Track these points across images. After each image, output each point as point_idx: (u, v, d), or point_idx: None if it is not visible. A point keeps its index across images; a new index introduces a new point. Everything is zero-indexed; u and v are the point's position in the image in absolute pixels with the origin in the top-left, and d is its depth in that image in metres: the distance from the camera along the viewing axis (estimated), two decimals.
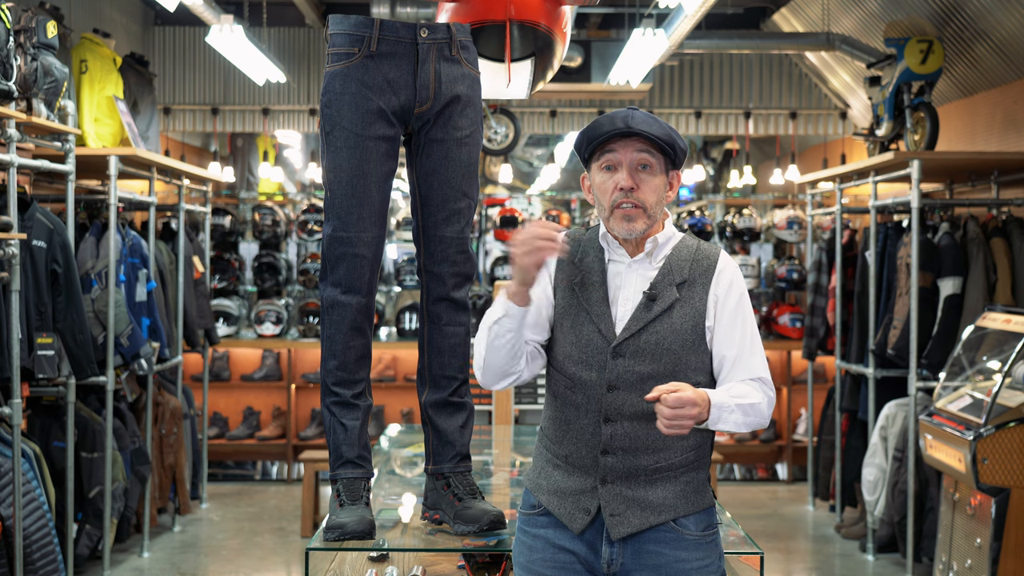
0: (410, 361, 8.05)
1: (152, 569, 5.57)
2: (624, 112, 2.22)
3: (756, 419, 2.17)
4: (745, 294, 2.26)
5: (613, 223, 2.23)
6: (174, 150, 9.03)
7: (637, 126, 2.18)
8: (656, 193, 2.22)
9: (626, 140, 2.21)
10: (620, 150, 2.21)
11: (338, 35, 2.66)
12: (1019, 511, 4.17)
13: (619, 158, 2.21)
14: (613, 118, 2.21)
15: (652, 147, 2.21)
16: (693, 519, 2.23)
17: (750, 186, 10.47)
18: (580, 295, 2.25)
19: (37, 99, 4.68)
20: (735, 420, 2.14)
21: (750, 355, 2.22)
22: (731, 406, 2.13)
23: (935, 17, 6.10)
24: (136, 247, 5.63)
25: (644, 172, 2.22)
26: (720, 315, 2.22)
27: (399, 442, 4.33)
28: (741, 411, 2.14)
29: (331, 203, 2.65)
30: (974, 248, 5.49)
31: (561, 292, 2.28)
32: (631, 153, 2.21)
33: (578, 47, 7.62)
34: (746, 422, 2.15)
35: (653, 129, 2.19)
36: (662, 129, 2.21)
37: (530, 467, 2.37)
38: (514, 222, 8.35)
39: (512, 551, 2.37)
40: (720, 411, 2.11)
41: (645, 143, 2.21)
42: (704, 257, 2.26)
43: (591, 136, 2.23)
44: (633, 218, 2.21)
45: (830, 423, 6.77)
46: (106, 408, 5.25)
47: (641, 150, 2.21)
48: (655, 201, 2.22)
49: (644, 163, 2.21)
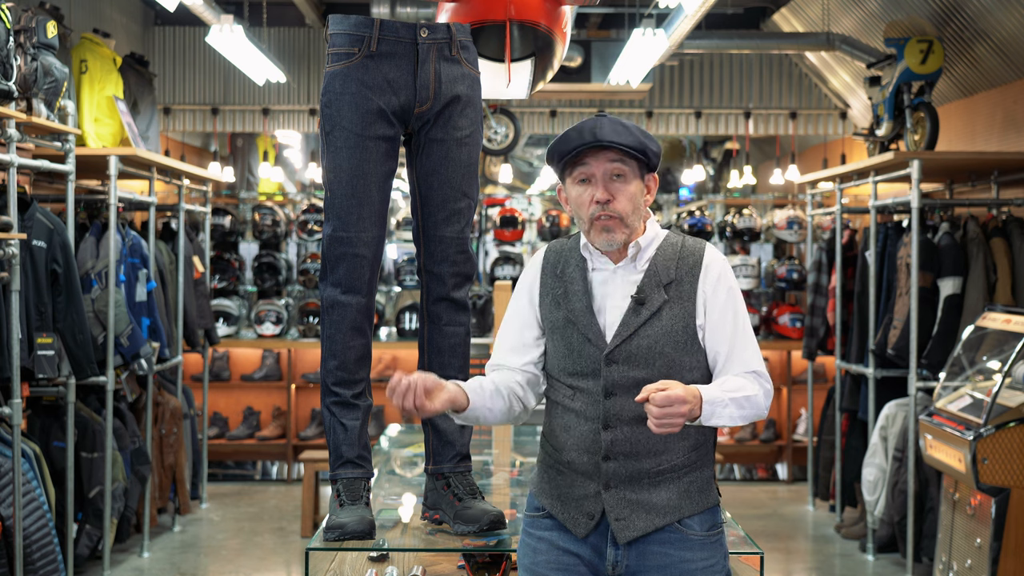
0: (410, 361, 8.05)
1: (152, 569, 5.57)
2: (592, 122, 2.20)
3: (753, 411, 2.14)
4: (734, 287, 2.24)
5: (593, 236, 2.22)
6: (174, 150, 9.03)
7: (606, 137, 2.17)
8: (632, 201, 2.21)
9: (597, 152, 2.20)
10: (592, 162, 2.20)
11: (338, 35, 2.66)
12: (1019, 511, 4.17)
13: (592, 171, 2.20)
14: (581, 130, 2.19)
15: (623, 155, 2.20)
16: (698, 519, 2.22)
17: (750, 186, 10.47)
18: (565, 307, 2.25)
19: (37, 99, 4.68)
20: (730, 414, 2.11)
21: (742, 349, 2.20)
22: (724, 400, 2.10)
23: (935, 17, 6.10)
24: (136, 247, 5.63)
25: (618, 181, 2.20)
26: (710, 311, 2.20)
27: (399, 442, 4.33)
28: (736, 405, 2.11)
29: (331, 203, 2.65)
30: (974, 248, 5.49)
31: (547, 306, 2.28)
32: (603, 164, 2.19)
33: (578, 47, 7.62)
34: (742, 415, 2.13)
35: (623, 138, 2.17)
36: (631, 136, 2.19)
37: (534, 471, 2.38)
38: (514, 222, 8.35)
39: (516, 553, 2.37)
40: (713, 407, 2.09)
41: (616, 152, 2.19)
42: (689, 254, 2.24)
43: (561, 151, 2.22)
44: (612, 229, 2.20)
45: (830, 423, 6.77)
46: (106, 408, 5.25)
47: (613, 160, 2.20)
48: (632, 209, 2.21)
49: (617, 172, 2.20)
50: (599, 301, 2.23)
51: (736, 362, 2.20)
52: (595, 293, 2.24)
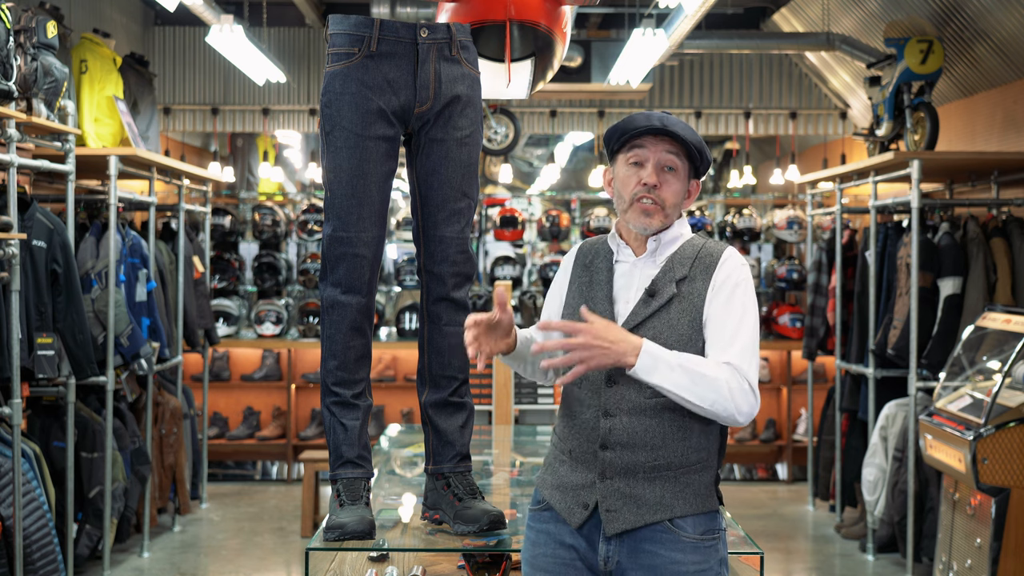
0: (410, 361, 8.05)
1: (152, 569, 5.57)
2: (660, 113, 2.26)
3: (710, 393, 2.09)
4: (742, 286, 2.21)
5: (631, 215, 2.25)
6: (174, 150, 9.03)
7: (671, 127, 2.23)
8: (676, 196, 2.25)
9: (657, 139, 2.25)
10: (649, 147, 2.25)
11: (338, 35, 2.66)
12: (1019, 511, 4.17)
13: (647, 155, 2.25)
14: (649, 116, 2.25)
15: (681, 150, 2.25)
16: (691, 521, 2.20)
17: (750, 186, 10.47)
18: (587, 294, 2.30)
19: (37, 99, 4.68)
20: (675, 380, 2.08)
21: (729, 343, 2.16)
22: (672, 364, 2.09)
23: (935, 17, 6.10)
24: (136, 247, 5.63)
25: (669, 173, 2.25)
26: (713, 302, 2.20)
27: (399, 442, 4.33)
28: (686, 374, 2.08)
29: (331, 203, 2.65)
30: (974, 248, 5.49)
31: (572, 294, 2.34)
32: (660, 153, 2.24)
33: (578, 47, 7.62)
34: (694, 391, 2.09)
35: (686, 133, 2.23)
36: (694, 135, 2.25)
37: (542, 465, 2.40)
38: (514, 222, 8.35)
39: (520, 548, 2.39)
40: (655, 361, 2.08)
41: (675, 145, 2.25)
42: (707, 254, 2.26)
43: (624, 129, 2.26)
44: (651, 213, 2.24)
45: (830, 423, 6.77)
46: (106, 408, 5.25)
47: (670, 151, 2.25)
48: (674, 203, 2.25)
49: (670, 164, 2.25)
50: (617, 291, 2.28)
51: (717, 349, 2.16)
52: (615, 284, 2.29)
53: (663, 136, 2.24)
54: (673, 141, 2.24)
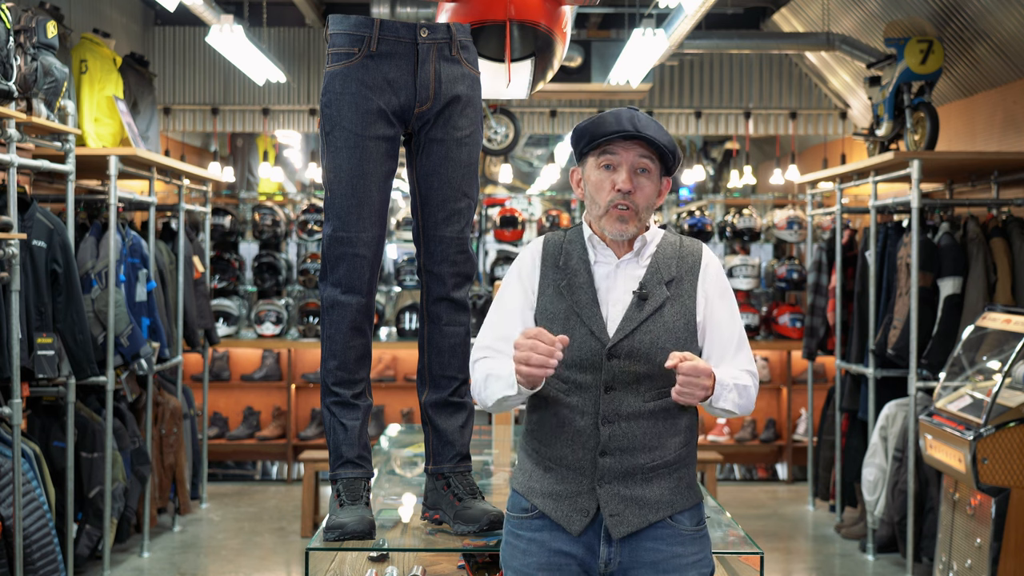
0: (410, 361, 8.05)
1: (152, 569, 5.57)
2: (628, 113, 2.21)
3: (747, 403, 2.21)
4: (729, 287, 2.31)
5: (606, 222, 2.24)
6: (174, 150, 9.03)
7: (644, 130, 2.19)
8: (650, 199, 2.25)
9: (629, 142, 2.22)
10: (621, 151, 2.22)
11: (338, 35, 2.65)
12: (1019, 511, 4.17)
13: (619, 159, 2.22)
14: (619, 117, 2.21)
15: (653, 152, 2.23)
16: (687, 514, 2.25)
17: (750, 186, 10.47)
18: (569, 298, 2.24)
19: (37, 99, 4.68)
20: (732, 400, 2.17)
21: (737, 350, 2.26)
22: (730, 385, 2.17)
23: (935, 17, 6.10)
24: (136, 247, 5.63)
25: (642, 176, 2.23)
26: (709, 311, 2.25)
27: (399, 442, 4.33)
28: (737, 392, 2.18)
29: (331, 203, 2.65)
30: (974, 248, 5.49)
31: (548, 297, 2.27)
32: (632, 156, 2.22)
33: (578, 47, 7.62)
34: (739, 404, 2.19)
35: (659, 135, 2.21)
36: (666, 136, 2.23)
37: (516, 470, 2.35)
38: (514, 222, 8.35)
39: (501, 554, 2.34)
40: (722, 389, 2.15)
41: (647, 148, 2.22)
42: (689, 254, 2.28)
43: (595, 133, 2.23)
44: (627, 220, 2.22)
45: (830, 423, 6.77)
46: (106, 408, 5.25)
47: (643, 155, 2.22)
48: (647, 206, 2.24)
49: (644, 167, 2.23)
50: (603, 294, 2.25)
51: (728, 357, 2.25)
52: (598, 286, 2.25)
53: (635, 139, 2.21)
54: (646, 143, 2.21)
